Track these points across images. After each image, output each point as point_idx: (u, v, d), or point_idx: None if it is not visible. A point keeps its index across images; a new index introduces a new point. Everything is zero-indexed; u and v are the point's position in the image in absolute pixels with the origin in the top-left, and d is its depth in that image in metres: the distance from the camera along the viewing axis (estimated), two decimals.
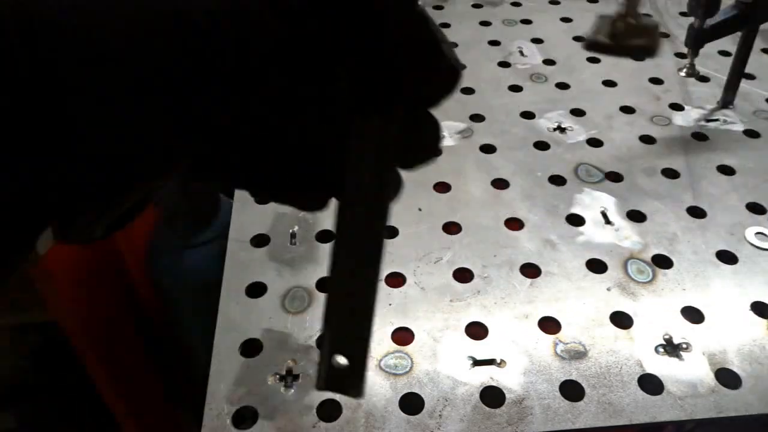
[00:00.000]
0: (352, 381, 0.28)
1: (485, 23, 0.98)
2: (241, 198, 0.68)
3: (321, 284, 0.59)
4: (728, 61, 0.78)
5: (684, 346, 0.54)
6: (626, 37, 0.28)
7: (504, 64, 0.88)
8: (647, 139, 0.75)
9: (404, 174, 0.26)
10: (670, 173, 0.71)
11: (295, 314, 0.56)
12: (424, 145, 0.24)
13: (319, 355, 0.28)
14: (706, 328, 0.55)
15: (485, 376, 0.52)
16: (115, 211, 0.23)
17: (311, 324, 0.55)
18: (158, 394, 1.15)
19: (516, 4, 1.02)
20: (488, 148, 0.74)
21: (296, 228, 0.64)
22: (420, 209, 0.66)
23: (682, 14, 0.98)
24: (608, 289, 0.58)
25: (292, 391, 0.50)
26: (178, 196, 0.82)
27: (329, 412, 0.49)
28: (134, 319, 1.05)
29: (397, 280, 0.60)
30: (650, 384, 0.51)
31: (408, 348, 0.54)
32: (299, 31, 0.20)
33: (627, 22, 0.27)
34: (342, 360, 0.27)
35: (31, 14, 0.18)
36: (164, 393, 1.16)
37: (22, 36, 0.18)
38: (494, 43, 0.93)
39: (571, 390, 0.51)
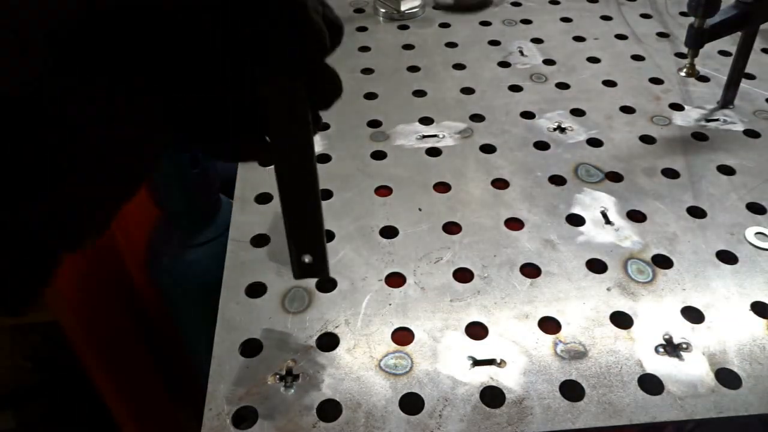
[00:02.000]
0: (318, 269, 0.41)
1: (485, 23, 0.98)
2: (241, 198, 0.68)
3: (320, 284, 0.59)
4: (728, 61, 0.78)
5: (684, 346, 0.54)
6: None
7: (504, 64, 0.88)
8: (647, 139, 0.75)
9: (405, 174, 0.30)
10: (670, 173, 0.71)
11: (295, 314, 0.56)
12: (328, 89, 0.31)
13: (290, 256, 0.40)
14: (706, 328, 0.55)
15: (485, 376, 0.52)
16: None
17: (311, 324, 0.55)
18: (158, 394, 1.16)
19: (516, 4, 1.02)
20: (488, 148, 0.74)
21: None
22: (420, 209, 0.66)
23: (682, 14, 0.98)
24: (608, 289, 0.58)
25: (292, 391, 0.50)
26: (179, 196, 0.82)
27: (329, 412, 0.49)
28: (134, 319, 1.05)
29: (397, 280, 0.60)
30: (650, 384, 0.51)
31: (408, 348, 0.54)
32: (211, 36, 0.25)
33: None
34: (307, 258, 0.41)
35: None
36: (164, 393, 1.16)
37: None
38: (494, 43, 0.93)
39: (571, 390, 0.51)
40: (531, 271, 0.60)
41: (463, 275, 0.60)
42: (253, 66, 0.27)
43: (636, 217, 0.66)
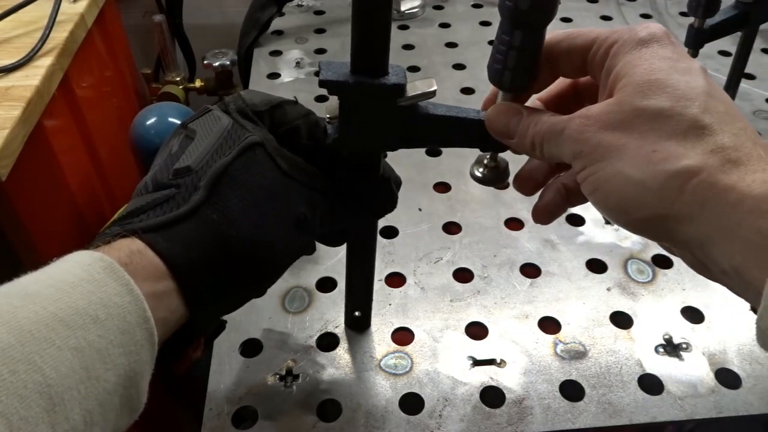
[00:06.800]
0: (363, 323, 0.55)
1: (485, 23, 0.98)
2: None
3: (320, 284, 0.59)
4: (728, 61, 0.77)
5: (684, 346, 0.54)
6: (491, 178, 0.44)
7: None
8: None
9: (405, 174, 0.32)
10: None
11: (295, 314, 0.56)
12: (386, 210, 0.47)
13: (345, 309, 0.54)
14: (706, 328, 0.55)
15: (485, 376, 0.52)
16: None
17: (311, 324, 0.55)
18: (158, 394, 1.15)
19: None
20: None
21: None
22: (420, 209, 0.66)
23: (682, 14, 0.98)
24: (608, 289, 0.58)
25: (292, 391, 0.50)
26: None
27: (329, 412, 0.49)
28: None
29: (397, 280, 0.60)
30: (650, 384, 0.51)
31: (408, 348, 0.54)
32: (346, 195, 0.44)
33: (489, 166, 0.44)
34: (357, 313, 0.54)
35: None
36: (164, 393, 1.16)
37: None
38: None
39: (571, 390, 0.51)
40: (531, 271, 0.60)
41: (463, 275, 0.60)
42: (367, 210, 0.46)
43: None
